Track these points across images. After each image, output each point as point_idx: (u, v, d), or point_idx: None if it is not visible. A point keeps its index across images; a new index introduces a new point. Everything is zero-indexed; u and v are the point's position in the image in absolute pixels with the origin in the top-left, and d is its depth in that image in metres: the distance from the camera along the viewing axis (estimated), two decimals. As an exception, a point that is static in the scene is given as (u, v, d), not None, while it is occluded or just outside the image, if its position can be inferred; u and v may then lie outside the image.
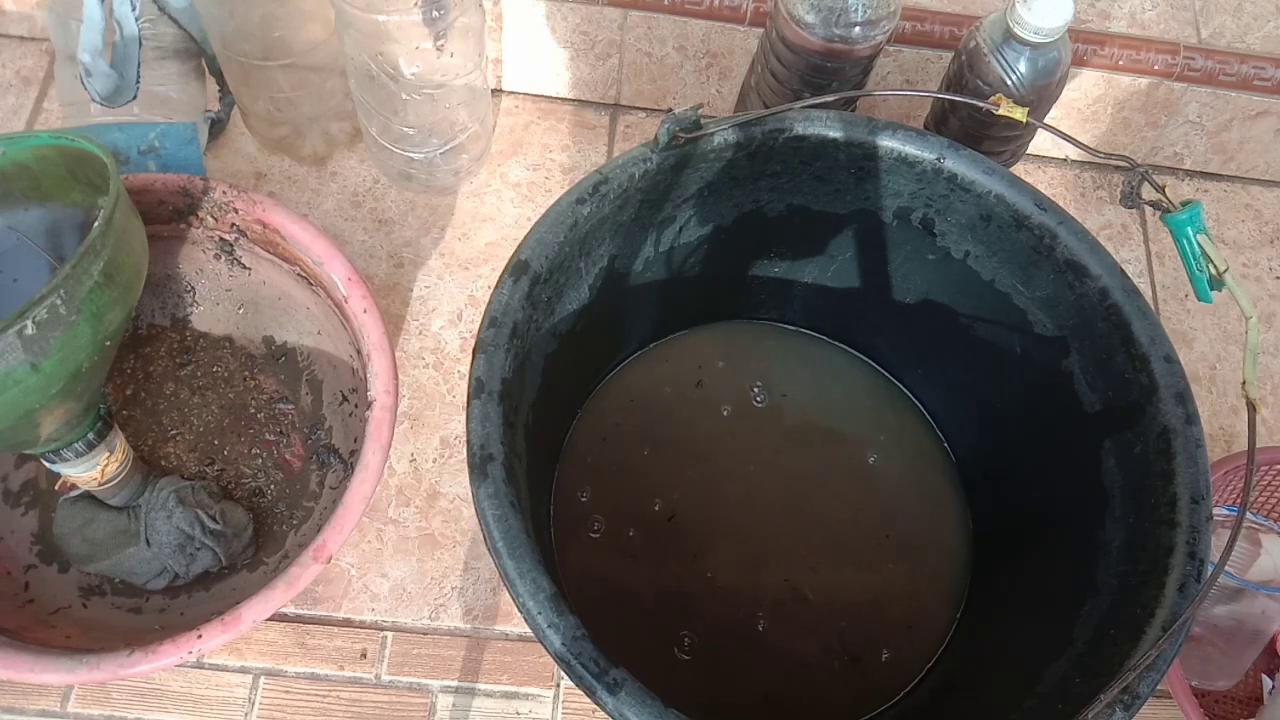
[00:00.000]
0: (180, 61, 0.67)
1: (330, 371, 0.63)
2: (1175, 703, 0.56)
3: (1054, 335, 0.55)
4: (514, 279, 0.48)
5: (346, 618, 0.60)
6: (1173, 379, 0.49)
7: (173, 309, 0.65)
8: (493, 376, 0.46)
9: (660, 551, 0.61)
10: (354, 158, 0.74)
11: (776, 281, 0.65)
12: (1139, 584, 0.46)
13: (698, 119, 0.50)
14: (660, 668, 0.58)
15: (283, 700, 0.58)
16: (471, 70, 0.64)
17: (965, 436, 0.66)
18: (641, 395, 0.66)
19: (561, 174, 0.75)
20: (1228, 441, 0.71)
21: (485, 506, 0.43)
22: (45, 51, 0.76)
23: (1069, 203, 0.78)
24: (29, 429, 0.47)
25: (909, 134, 0.53)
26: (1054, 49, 0.60)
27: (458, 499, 0.63)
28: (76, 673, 0.49)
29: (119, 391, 0.63)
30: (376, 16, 0.57)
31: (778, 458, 0.65)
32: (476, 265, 0.71)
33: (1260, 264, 0.78)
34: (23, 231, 0.54)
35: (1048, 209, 0.52)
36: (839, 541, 0.63)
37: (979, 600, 0.61)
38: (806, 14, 0.59)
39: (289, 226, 0.58)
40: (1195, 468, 0.47)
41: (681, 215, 0.57)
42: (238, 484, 0.62)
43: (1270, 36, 0.72)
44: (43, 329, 0.43)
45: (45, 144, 0.52)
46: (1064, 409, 0.55)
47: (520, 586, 0.41)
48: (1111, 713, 0.41)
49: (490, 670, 0.60)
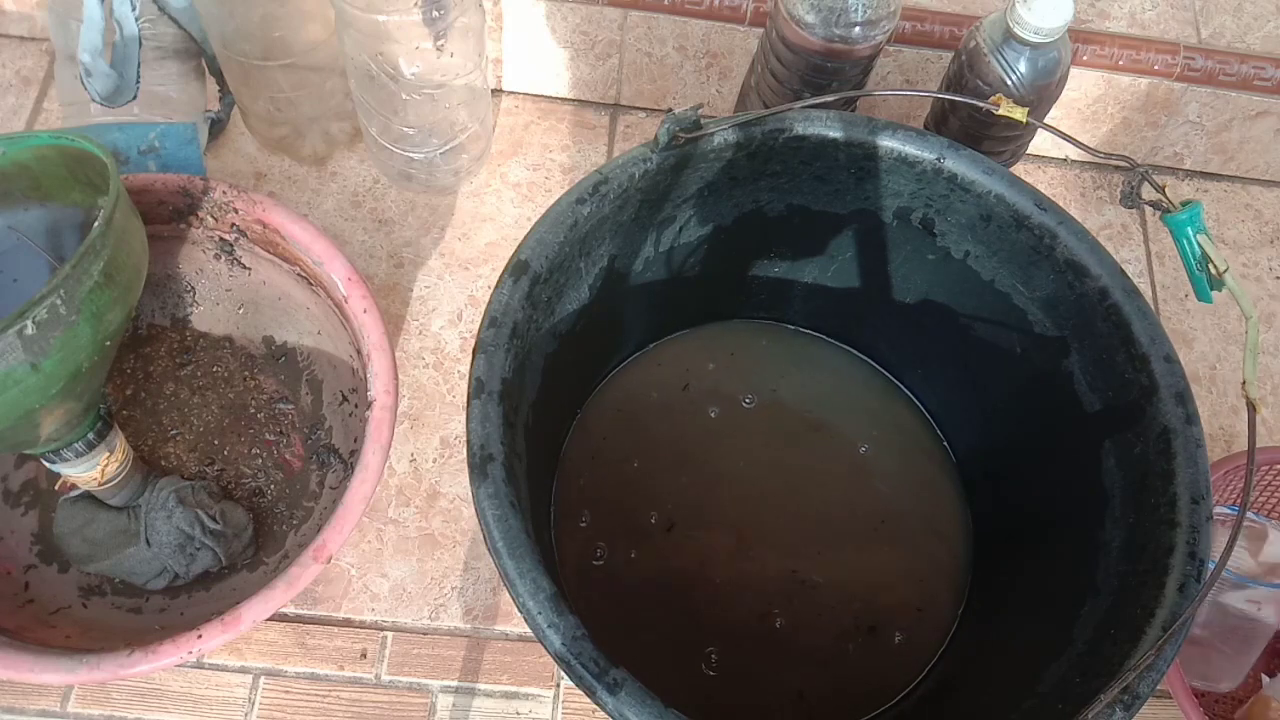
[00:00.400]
0: (180, 61, 0.67)
1: (330, 371, 0.63)
2: (1175, 703, 0.56)
3: (1054, 335, 0.55)
4: (514, 279, 0.48)
5: (346, 618, 0.60)
6: (1173, 379, 0.49)
7: (173, 309, 0.65)
8: (493, 376, 0.46)
9: (665, 568, 0.61)
10: (354, 158, 0.74)
11: (776, 281, 0.65)
12: (1139, 584, 0.46)
13: (698, 119, 0.50)
14: (694, 690, 0.58)
15: (283, 700, 0.58)
16: (471, 70, 0.64)
17: (965, 436, 0.66)
18: (640, 397, 0.66)
19: (561, 174, 0.75)
20: (1228, 441, 0.71)
21: (485, 506, 0.43)
22: (45, 51, 0.76)
23: (1069, 203, 0.78)
24: (29, 429, 0.47)
25: (909, 134, 0.53)
26: (1054, 49, 0.60)
27: (458, 499, 0.63)
28: (76, 673, 0.49)
29: (119, 391, 0.63)
30: (376, 16, 0.57)
31: (775, 455, 0.65)
32: (476, 265, 0.71)
33: (1260, 264, 0.78)
34: (23, 231, 0.54)
35: (1048, 209, 0.52)
36: (838, 531, 0.63)
37: (979, 600, 0.61)
38: (806, 14, 0.59)
39: (289, 226, 0.58)
40: (1195, 468, 0.47)
41: (681, 215, 0.57)
42: (238, 484, 0.62)
43: (1270, 36, 0.72)
44: (43, 329, 0.43)
45: (45, 144, 0.52)
46: (1064, 409, 0.55)
47: (520, 586, 0.41)
48: (1111, 713, 0.41)
49: (490, 670, 0.60)
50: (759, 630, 0.60)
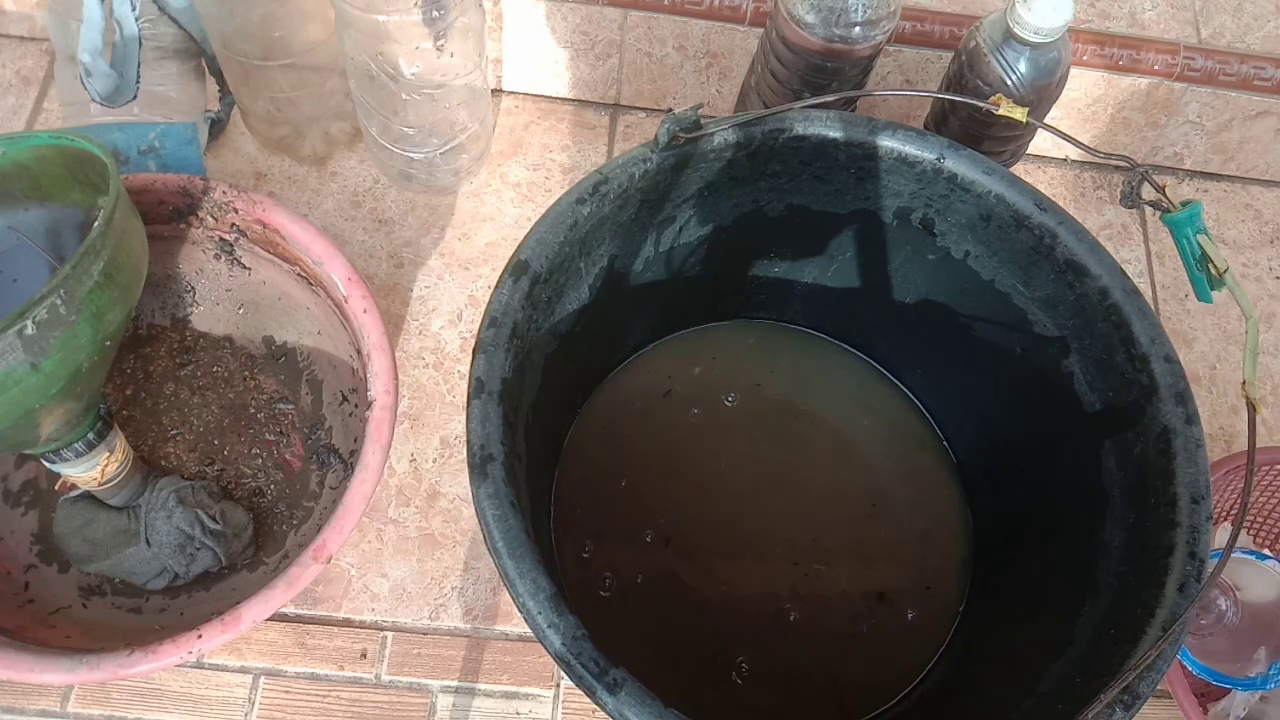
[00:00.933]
0: (180, 61, 0.67)
1: (330, 371, 0.63)
2: (1175, 703, 0.56)
3: (1054, 335, 0.55)
4: (514, 279, 0.48)
5: (346, 618, 0.60)
6: (1173, 379, 0.49)
7: (173, 309, 0.65)
8: (493, 376, 0.46)
9: (674, 586, 0.61)
10: (354, 158, 0.74)
11: (776, 281, 0.65)
12: (1139, 584, 0.46)
13: (698, 119, 0.50)
14: (728, 701, 0.58)
15: (283, 700, 0.58)
16: (471, 70, 0.64)
17: (965, 436, 0.66)
18: (641, 397, 0.66)
19: (561, 174, 0.75)
20: (1228, 441, 0.71)
21: (485, 506, 0.43)
22: (45, 51, 0.76)
23: (1069, 203, 0.78)
24: (29, 429, 0.47)
25: (909, 134, 0.53)
26: (1054, 49, 0.60)
27: (458, 499, 0.63)
28: (76, 673, 0.49)
29: (119, 391, 0.63)
30: (376, 16, 0.57)
31: (775, 454, 0.65)
32: (476, 265, 0.71)
33: (1260, 264, 0.78)
34: (23, 231, 0.54)
35: (1048, 209, 0.52)
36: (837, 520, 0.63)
37: (979, 600, 0.61)
38: (806, 14, 0.59)
39: (289, 226, 0.58)
40: (1195, 468, 0.47)
41: (681, 215, 0.57)
42: (238, 484, 0.62)
43: (1270, 36, 0.72)
44: (43, 329, 0.43)
45: (45, 144, 0.52)
46: (1064, 409, 0.55)
47: (520, 586, 0.41)
48: (1111, 713, 0.41)
49: (490, 670, 0.60)
50: (777, 628, 0.60)
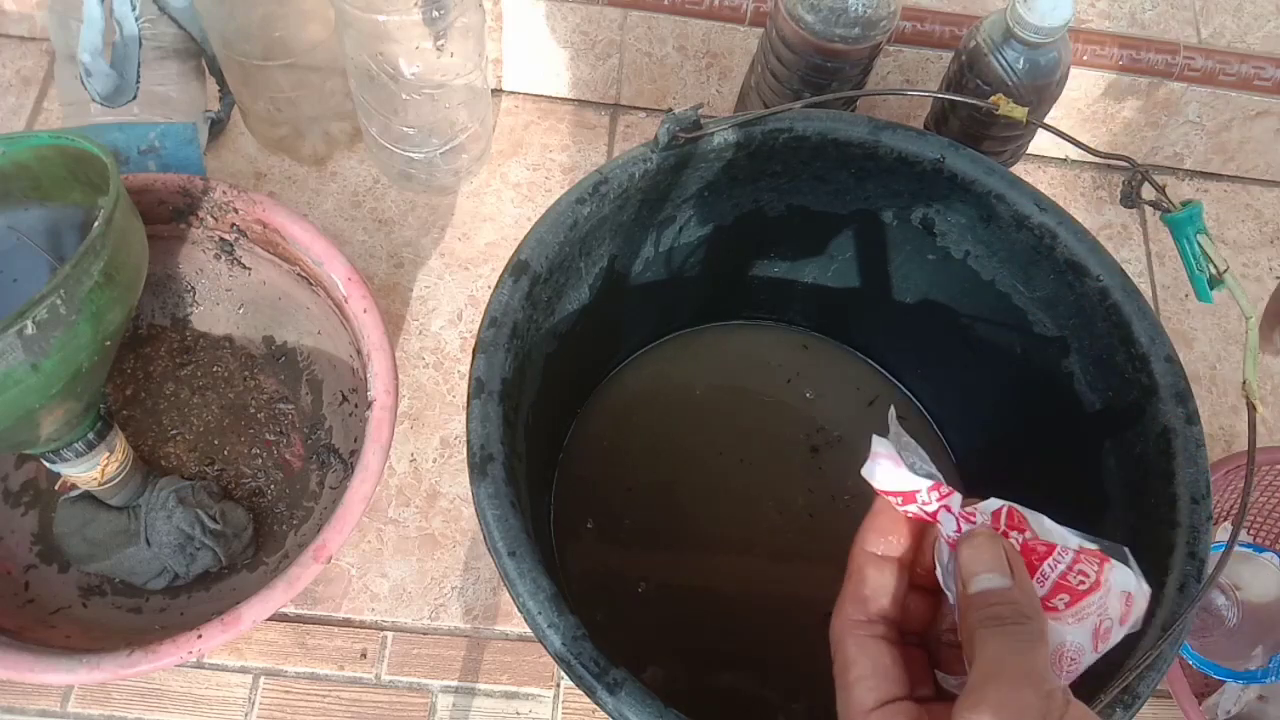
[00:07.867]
0: (180, 61, 0.67)
1: (330, 371, 0.63)
2: (1175, 703, 0.56)
3: (1054, 335, 0.55)
4: (514, 279, 0.48)
5: (346, 618, 0.60)
6: (1173, 379, 0.49)
7: (173, 309, 0.65)
8: (493, 376, 0.46)
9: (676, 586, 0.61)
10: (354, 158, 0.74)
11: (776, 281, 0.65)
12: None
13: (698, 119, 0.50)
14: (733, 703, 0.58)
15: (283, 700, 0.58)
16: (471, 70, 0.64)
17: (965, 436, 0.65)
18: (641, 397, 0.66)
19: (561, 174, 0.75)
20: (1228, 441, 0.71)
21: (485, 506, 0.43)
22: (45, 51, 0.76)
23: (1069, 203, 0.78)
24: (29, 429, 0.47)
25: (909, 134, 0.53)
26: (1054, 49, 0.60)
27: (458, 499, 0.63)
28: (76, 673, 0.49)
29: (119, 391, 0.63)
30: (376, 16, 0.57)
31: (775, 452, 0.65)
32: (476, 265, 0.71)
33: (1260, 264, 0.78)
34: (23, 231, 0.54)
35: (1048, 209, 0.52)
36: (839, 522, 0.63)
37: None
38: (806, 14, 0.59)
39: (289, 226, 0.58)
40: (1195, 468, 0.47)
41: (681, 215, 0.57)
42: (238, 484, 0.62)
43: (1270, 36, 0.72)
44: (43, 329, 0.43)
45: (45, 144, 0.52)
46: (1064, 409, 0.55)
47: (520, 586, 0.41)
48: (1111, 713, 0.41)
49: (490, 670, 0.60)
50: (781, 624, 0.60)
